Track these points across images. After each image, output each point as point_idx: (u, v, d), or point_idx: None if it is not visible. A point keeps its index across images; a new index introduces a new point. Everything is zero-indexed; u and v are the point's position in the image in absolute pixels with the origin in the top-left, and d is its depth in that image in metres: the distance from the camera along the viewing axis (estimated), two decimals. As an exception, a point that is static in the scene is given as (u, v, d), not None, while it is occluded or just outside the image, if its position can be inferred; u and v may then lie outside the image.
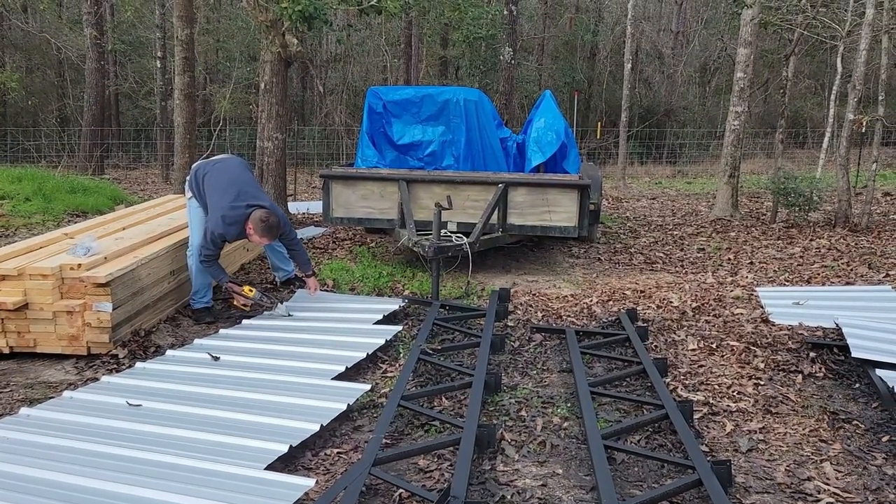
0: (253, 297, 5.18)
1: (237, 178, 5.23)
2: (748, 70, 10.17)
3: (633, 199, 12.94)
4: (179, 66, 10.54)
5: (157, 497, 2.69)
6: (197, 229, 5.27)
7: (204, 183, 5.23)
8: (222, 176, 5.22)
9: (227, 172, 5.26)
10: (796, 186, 9.26)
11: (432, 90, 7.71)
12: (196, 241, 5.23)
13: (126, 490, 2.74)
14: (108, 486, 2.76)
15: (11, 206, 8.49)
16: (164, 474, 2.88)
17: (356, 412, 3.74)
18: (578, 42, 24.21)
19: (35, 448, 3.12)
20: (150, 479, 2.84)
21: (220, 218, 4.99)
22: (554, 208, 6.69)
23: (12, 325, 4.35)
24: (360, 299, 5.83)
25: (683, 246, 8.41)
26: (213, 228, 4.99)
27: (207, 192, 5.19)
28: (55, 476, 2.84)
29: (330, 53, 22.50)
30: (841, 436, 3.49)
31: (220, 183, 5.17)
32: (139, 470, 2.92)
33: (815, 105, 23.71)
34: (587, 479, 3.07)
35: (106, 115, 19.10)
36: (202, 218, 5.25)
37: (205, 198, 5.21)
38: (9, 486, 2.76)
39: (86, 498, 2.69)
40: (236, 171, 5.32)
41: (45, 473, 2.86)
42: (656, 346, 4.79)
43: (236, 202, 5.03)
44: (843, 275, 6.65)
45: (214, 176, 5.23)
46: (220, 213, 5.01)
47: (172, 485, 2.79)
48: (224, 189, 5.12)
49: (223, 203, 5.03)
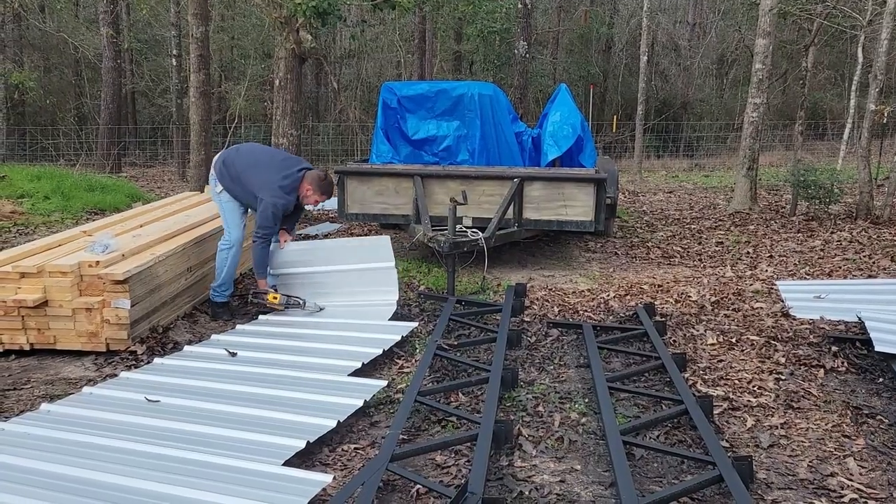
0: (279, 302, 5.22)
1: (271, 153, 5.44)
2: (767, 61, 10.05)
3: (649, 193, 12.85)
4: (194, 63, 10.59)
5: (176, 492, 2.70)
6: (233, 223, 5.27)
7: (236, 167, 5.21)
8: (256, 156, 5.27)
9: (257, 153, 5.33)
10: (816, 179, 9.14)
11: (447, 85, 7.68)
12: (234, 234, 5.24)
13: (144, 485, 2.75)
14: (127, 482, 2.77)
15: (31, 204, 8.58)
16: (182, 469, 2.89)
17: (373, 408, 3.73)
18: (594, 35, 24.02)
19: (55, 444, 3.14)
20: (168, 474, 2.85)
21: (278, 189, 5.07)
22: (570, 203, 6.65)
23: (32, 323, 4.39)
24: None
25: (701, 240, 8.34)
26: (275, 202, 5.05)
27: (247, 175, 5.17)
28: (74, 471, 2.86)
29: (344, 49, 22.51)
30: (864, 431, 3.44)
31: (260, 161, 5.22)
32: (157, 465, 2.93)
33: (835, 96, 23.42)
34: (606, 475, 3.05)
35: (123, 114, 19.25)
36: (236, 208, 5.27)
37: (243, 182, 5.18)
38: (29, 482, 2.78)
39: (104, 493, 2.71)
40: (264, 149, 5.48)
41: (65, 469, 2.88)
42: (675, 341, 4.75)
43: (286, 171, 5.15)
44: (866, 268, 6.56)
45: (246, 159, 5.23)
46: (276, 185, 5.07)
47: (190, 480, 2.80)
48: (267, 165, 5.19)
49: (274, 176, 5.10)
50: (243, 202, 5.29)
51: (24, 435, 3.24)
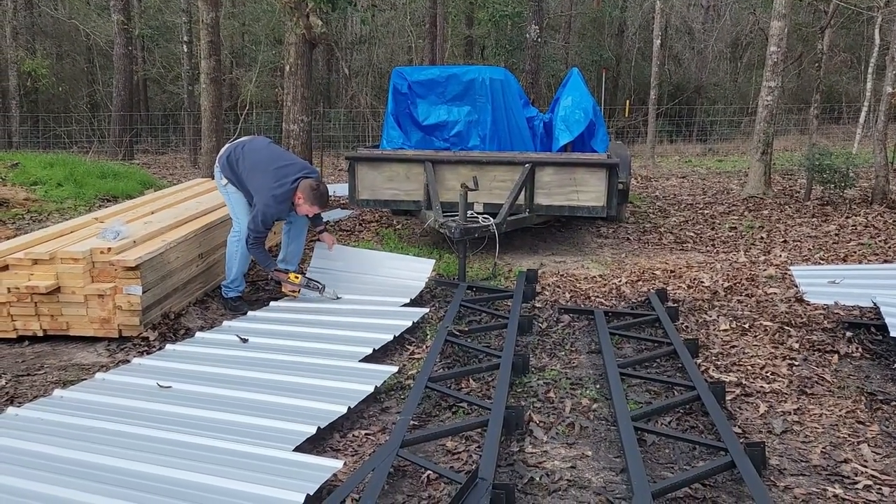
0: (299, 283, 5.21)
1: (272, 156, 5.22)
2: (782, 44, 9.90)
3: (662, 178, 12.75)
4: (205, 50, 10.56)
5: (187, 477, 2.72)
6: (242, 213, 5.24)
7: (239, 167, 5.17)
8: (256, 156, 5.19)
9: (259, 153, 5.23)
10: (831, 163, 9.03)
11: (457, 70, 7.62)
12: (245, 224, 5.21)
13: (156, 470, 2.77)
14: (139, 467, 2.79)
15: (44, 191, 8.62)
16: (194, 455, 2.91)
17: (383, 394, 3.73)
18: (606, 19, 23.78)
19: (68, 429, 3.17)
20: (180, 459, 2.86)
21: (270, 198, 4.96)
22: (582, 188, 6.60)
23: (45, 309, 4.41)
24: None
25: (714, 225, 8.27)
26: (265, 210, 4.96)
27: (246, 175, 5.13)
28: (87, 456, 2.88)
29: (355, 35, 22.43)
30: (879, 417, 3.41)
31: (258, 164, 5.12)
32: (169, 451, 2.95)
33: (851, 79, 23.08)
34: (617, 461, 3.04)
35: (135, 101, 19.30)
36: (242, 198, 5.23)
37: (244, 183, 5.16)
38: (42, 467, 2.80)
39: (116, 478, 2.73)
40: (268, 150, 5.30)
41: (78, 454, 2.90)
42: (687, 327, 4.72)
43: (282, 179, 5.01)
44: (881, 253, 6.49)
45: (248, 158, 5.17)
46: (269, 194, 4.97)
47: (202, 465, 2.81)
48: (264, 169, 5.07)
49: (268, 183, 4.99)
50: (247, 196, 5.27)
51: (37, 420, 3.27)
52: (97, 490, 2.64)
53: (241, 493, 2.62)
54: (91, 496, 2.60)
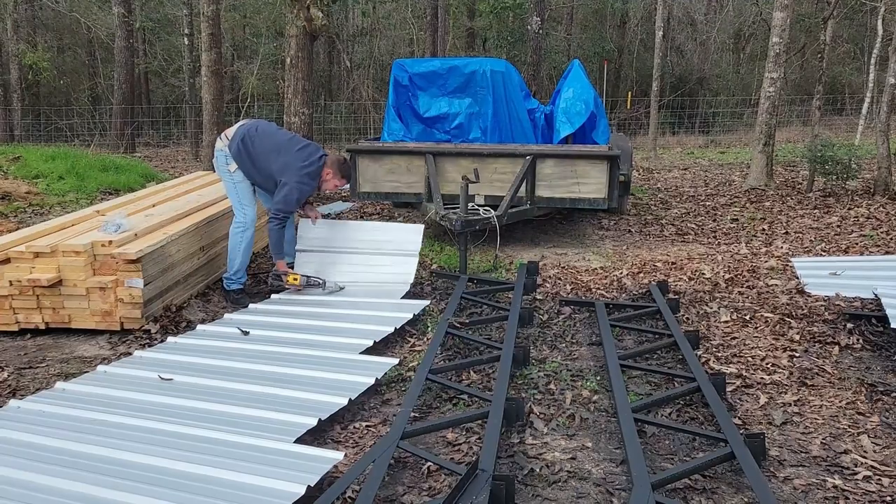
0: (300, 283, 5.23)
1: (289, 138, 5.32)
2: (784, 35, 9.87)
3: (664, 170, 12.73)
4: (206, 42, 10.56)
5: (188, 469, 2.73)
6: (247, 202, 5.24)
7: (257, 150, 5.14)
8: (273, 139, 5.19)
9: (275, 135, 5.25)
10: (834, 154, 9.00)
11: (458, 62, 7.60)
12: (250, 213, 5.22)
13: (158, 462, 2.78)
14: (140, 459, 2.80)
15: (46, 184, 8.63)
16: (195, 447, 2.92)
17: (384, 386, 3.74)
18: (608, 10, 23.70)
19: (70, 421, 3.18)
20: (181, 451, 2.87)
21: (304, 175, 5.08)
22: (583, 180, 6.60)
23: (47, 302, 4.43)
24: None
25: (716, 216, 8.26)
26: (300, 187, 5.09)
27: (264, 157, 5.13)
28: (89, 448, 2.89)
29: (356, 27, 22.37)
30: (879, 408, 3.41)
31: (278, 145, 5.15)
32: (171, 443, 2.96)
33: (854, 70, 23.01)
34: (617, 453, 3.04)
35: (136, 94, 19.28)
36: (248, 187, 5.24)
37: (259, 164, 5.13)
38: (44, 459, 2.82)
39: (119, 470, 2.74)
40: (282, 132, 5.39)
41: (80, 446, 2.91)
42: (688, 319, 4.72)
43: (309, 157, 5.14)
44: (883, 244, 6.48)
45: (268, 142, 5.16)
46: (302, 172, 5.07)
47: (203, 457, 2.82)
48: (286, 149, 5.14)
49: (297, 163, 5.09)
50: (255, 182, 5.27)
51: (39, 413, 3.28)
52: (99, 482, 2.65)
53: (243, 485, 2.63)
54: (93, 488, 2.61)
